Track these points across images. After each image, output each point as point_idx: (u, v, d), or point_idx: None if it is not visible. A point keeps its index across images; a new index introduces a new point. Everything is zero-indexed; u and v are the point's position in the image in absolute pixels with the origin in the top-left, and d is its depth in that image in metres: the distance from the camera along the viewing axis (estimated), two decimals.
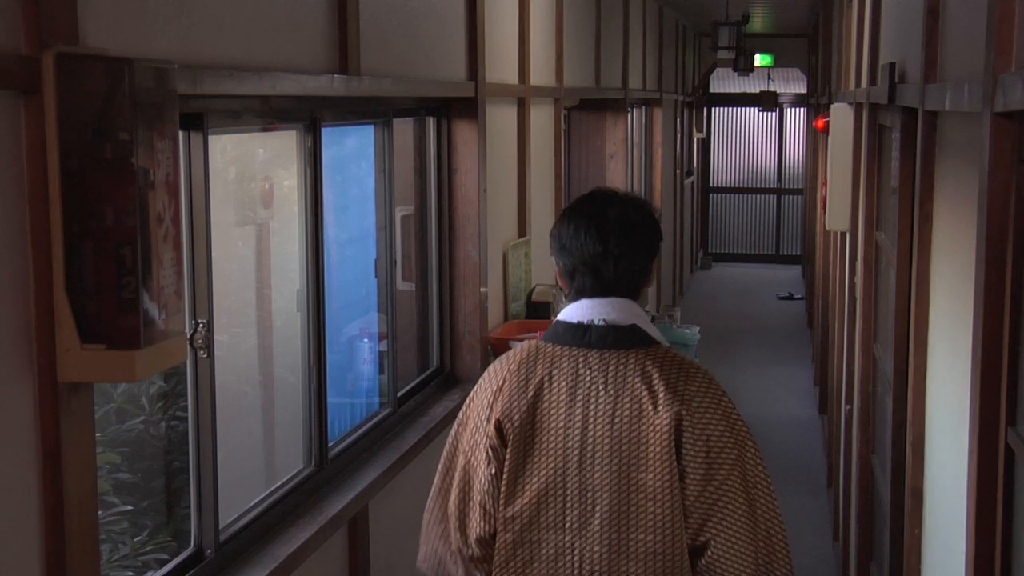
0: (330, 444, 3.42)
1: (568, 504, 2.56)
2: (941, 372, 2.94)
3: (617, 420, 2.53)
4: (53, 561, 1.90)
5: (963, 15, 2.68)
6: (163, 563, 2.67)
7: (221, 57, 2.53)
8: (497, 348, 4.72)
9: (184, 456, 2.79)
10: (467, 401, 2.65)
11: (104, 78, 1.83)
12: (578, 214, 2.61)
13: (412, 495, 3.89)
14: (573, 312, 2.60)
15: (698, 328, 6.61)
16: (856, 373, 5.30)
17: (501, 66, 5.00)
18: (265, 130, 3.20)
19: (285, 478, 3.21)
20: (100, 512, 2.53)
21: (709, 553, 2.51)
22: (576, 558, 2.56)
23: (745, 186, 17.71)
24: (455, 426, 2.66)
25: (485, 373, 2.67)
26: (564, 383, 2.57)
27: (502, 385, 2.60)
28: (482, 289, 4.58)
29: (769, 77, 16.78)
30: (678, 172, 12.88)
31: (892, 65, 3.91)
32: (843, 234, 6.60)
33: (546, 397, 2.57)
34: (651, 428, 2.50)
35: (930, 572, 3.06)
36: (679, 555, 2.51)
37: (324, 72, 3.11)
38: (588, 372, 2.57)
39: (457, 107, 4.49)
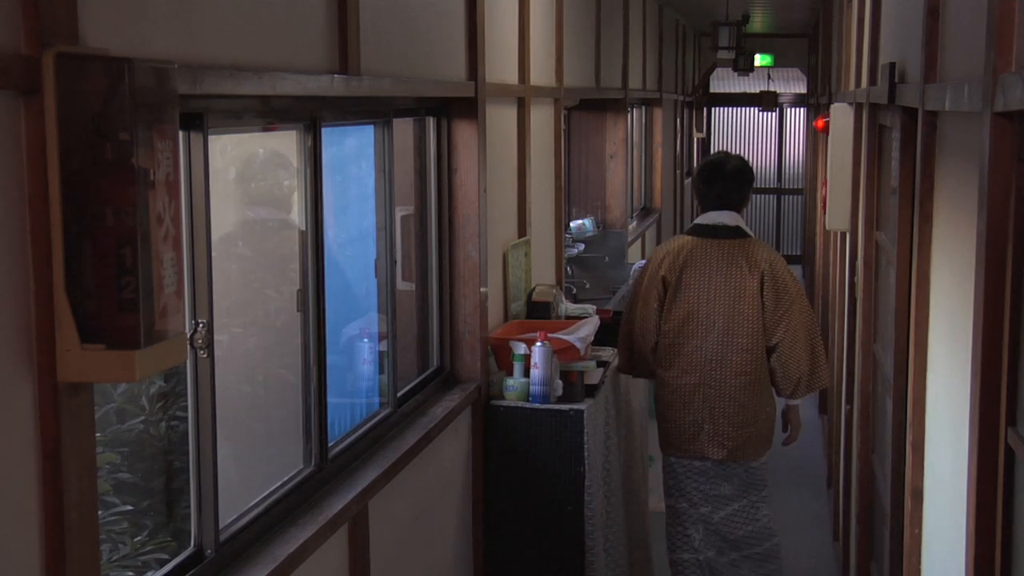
0: (330, 444, 3.42)
1: (700, 323, 4.84)
2: (941, 372, 2.94)
3: (728, 277, 4.83)
4: (53, 561, 1.90)
5: (963, 15, 2.68)
6: (163, 563, 2.67)
7: (221, 57, 2.53)
8: (497, 348, 4.72)
9: (184, 456, 2.79)
10: (640, 272, 5.07)
11: (104, 78, 1.83)
12: (710, 166, 5.06)
13: (412, 495, 3.89)
14: (704, 219, 4.98)
15: None
16: (856, 373, 5.30)
17: (501, 66, 5.00)
18: (265, 130, 3.20)
19: (285, 478, 3.21)
20: (100, 512, 2.53)
21: (779, 349, 4.82)
22: (704, 351, 4.84)
23: None
24: (633, 287, 5.16)
25: (652, 254, 5.08)
26: (700, 256, 4.87)
27: (665, 257, 4.93)
28: (482, 289, 4.58)
29: (769, 77, 16.78)
30: (678, 172, 12.87)
31: (892, 65, 3.91)
32: (843, 234, 6.60)
33: (690, 264, 4.87)
34: (747, 280, 4.80)
35: (930, 572, 3.06)
36: (760, 350, 4.83)
37: (324, 72, 3.11)
38: (713, 251, 4.87)
39: (457, 107, 4.49)
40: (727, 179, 4.96)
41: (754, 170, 5.26)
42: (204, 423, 2.69)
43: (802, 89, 16.39)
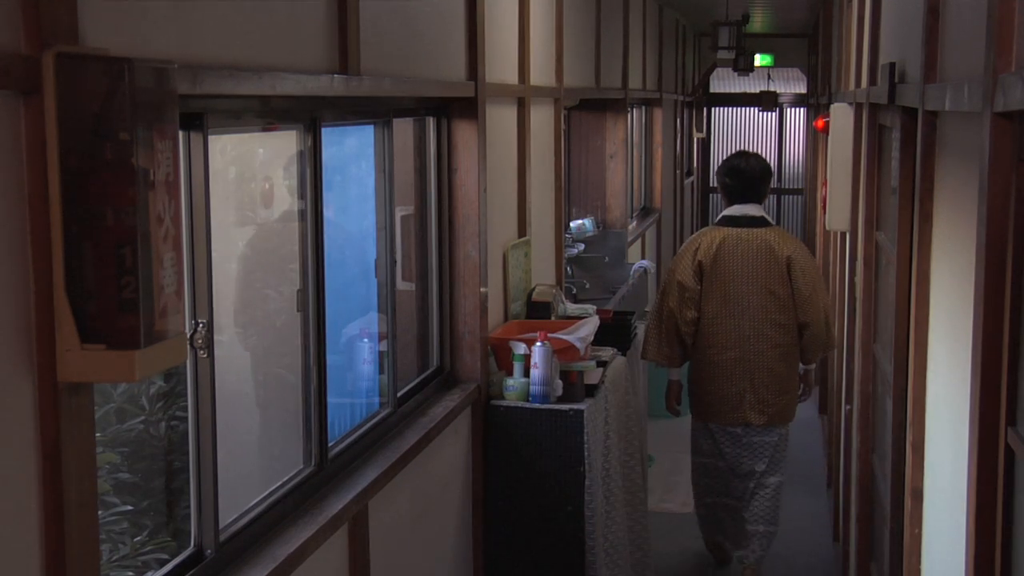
0: (330, 444, 3.42)
1: (736, 303, 5.55)
2: (941, 372, 2.94)
3: (759, 260, 5.53)
4: (53, 561, 1.90)
5: (963, 15, 2.68)
6: (163, 563, 2.67)
7: (221, 57, 2.53)
8: (497, 348, 4.72)
9: (184, 456, 2.79)
10: (675, 259, 5.74)
11: (104, 78, 1.83)
12: (735, 162, 5.79)
13: (412, 495, 3.89)
14: (731, 211, 5.70)
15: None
16: (856, 373, 5.30)
17: (501, 66, 5.00)
18: (265, 130, 3.20)
19: (285, 478, 3.21)
20: (100, 512, 2.53)
21: (810, 327, 5.56)
22: (742, 328, 5.55)
23: None
24: (667, 273, 5.73)
25: (686, 243, 5.75)
26: (730, 244, 5.57)
27: (700, 245, 5.62)
28: (482, 289, 4.58)
29: (769, 77, 16.76)
30: (678, 172, 12.87)
31: (892, 65, 3.91)
32: (843, 234, 6.60)
33: (722, 250, 5.57)
34: (776, 264, 5.53)
35: (930, 572, 3.06)
36: (792, 324, 5.57)
37: (324, 72, 3.11)
38: (743, 238, 5.57)
39: (457, 107, 4.49)
40: (750, 175, 5.72)
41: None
42: (204, 423, 2.69)
43: (802, 89, 16.38)
